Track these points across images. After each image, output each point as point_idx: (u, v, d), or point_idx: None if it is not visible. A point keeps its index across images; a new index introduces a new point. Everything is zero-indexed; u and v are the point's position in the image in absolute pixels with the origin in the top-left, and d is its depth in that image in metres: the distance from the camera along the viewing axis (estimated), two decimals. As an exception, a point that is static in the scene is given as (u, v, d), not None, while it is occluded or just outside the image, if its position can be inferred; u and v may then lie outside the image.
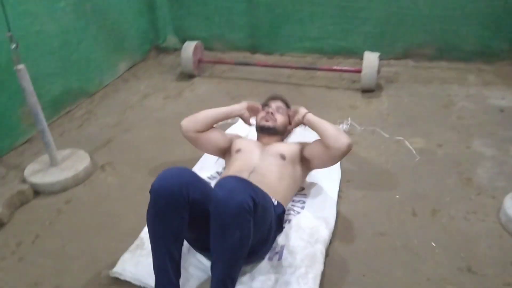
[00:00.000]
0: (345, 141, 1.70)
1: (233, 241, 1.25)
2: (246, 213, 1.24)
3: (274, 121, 1.97)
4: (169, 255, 1.35)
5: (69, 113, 2.88)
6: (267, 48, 3.68)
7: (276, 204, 1.57)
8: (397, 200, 1.96)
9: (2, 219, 1.91)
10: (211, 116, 1.94)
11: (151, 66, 3.65)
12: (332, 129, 1.77)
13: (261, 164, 1.79)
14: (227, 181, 1.30)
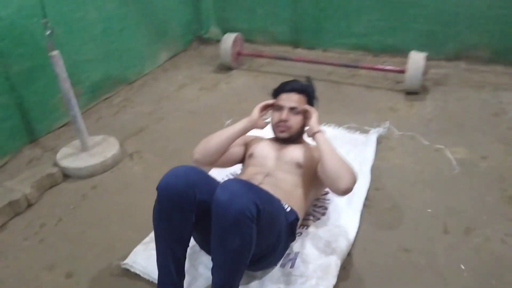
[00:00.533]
0: (343, 186, 1.47)
1: (233, 247, 1.20)
2: (247, 220, 1.18)
3: (289, 129, 1.73)
4: (172, 255, 1.32)
5: (108, 99, 2.94)
6: (309, 43, 3.56)
7: (288, 211, 1.49)
8: (428, 214, 1.82)
9: (30, 200, 1.98)
10: (223, 142, 1.68)
11: (192, 56, 3.65)
12: (334, 166, 1.51)
13: (276, 170, 1.67)
14: (230, 184, 1.24)
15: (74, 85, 2.64)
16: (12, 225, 1.89)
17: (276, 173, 1.65)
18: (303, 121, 1.76)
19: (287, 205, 1.51)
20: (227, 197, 1.19)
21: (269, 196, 1.38)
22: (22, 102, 2.35)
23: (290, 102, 1.73)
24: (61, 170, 2.16)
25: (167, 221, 1.31)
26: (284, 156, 1.71)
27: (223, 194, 1.20)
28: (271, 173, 1.65)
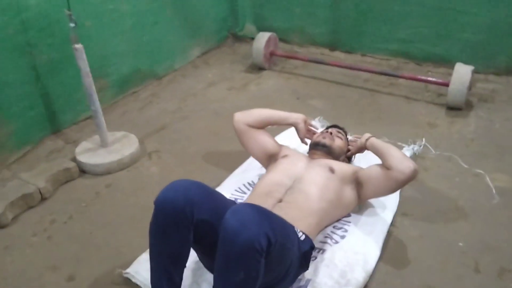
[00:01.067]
0: (411, 165, 1.54)
1: (235, 280, 1.09)
2: (255, 253, 1.07)
3: (332, 140, 1.82)
4: (167, 276, 1.23)
5: (135, 93, 2.90)
6: (348, 46, 3.38)
7: (302, 240, 1.37)
8: (459, 248, 1.64)
9: (44, 194, 1.95)
10: (266, 115, 1.90)
11: (224, 54, 3.56)
12: (398, 152, 1.62)
13: (306, 174, 1.63)
14: (242, 209, 1.12)
15: (102, 77, 2.65)
16: (23, 218, 1.87)
17: (303, 179, 1.60)
18: (345, 148, 1.87)
19: (301, 233, 1.39)
20: (236, 224, 1.09)
21: (283, 224, 1.26)
22: (47, 93, 2.34)
23: (338, 130, 1.92)
24: (78, 165, 2.12)
25: (162, 238, 1.22)
26: (318, 160, 1.73)
27: (233, 220, 1.09)
28: (298, 180, 1.60)
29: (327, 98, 2.80)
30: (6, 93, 2.14)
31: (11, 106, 2.17)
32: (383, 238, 1.66)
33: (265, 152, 1.87)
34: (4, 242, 1.73)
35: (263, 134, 1.89)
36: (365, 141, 1.75)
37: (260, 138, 1.88)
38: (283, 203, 1.52)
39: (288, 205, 1.51)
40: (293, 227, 1.35)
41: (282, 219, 1.29)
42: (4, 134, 2.16)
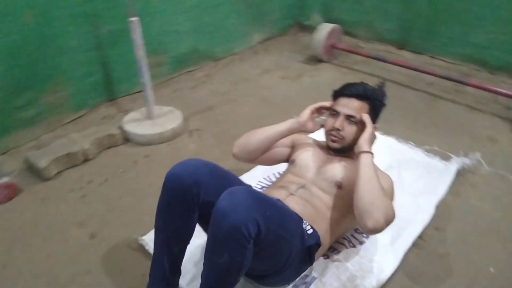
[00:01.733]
0: (369, 224, 1.25)
1: (220, 262, 1.08)
2: (241, 238, 1.04)
3: (341, 140, 1.52)
4: (167, 249, 1.25)
5: (191, 72, 2.97)
6: (417, 46, 3.18)
7: (309, 233, 1.32)
8: (489, 274, 1.49)
9: (88, 155, 2.08)
10: (264, 141, 1.57)
11: (286, 42, 3.52)
12: (367, 197, 1.29)
13: (313, 184, 1.49)
14: (236, 192, 1.10)
15: (160, 53, 2.74)
16: (65, 175, 2.01)
17: (312, 188, 1.47)
18: (359, 133, 1.50)
19: (310, 227, 1.34)
20: (227, 206, 1.07)
21: (283, 214, 1.22)
22: (106, 62, 2.48)
23: (348, 109, 1.50)
24: (122, 133, 2.23)
25: (167, 213, 1.24)
26: (326, 171, 1.50)
27: (225, 202, 1.08)
28: (307, 186, 1.48)
29: (381, 98, 2.67)
30: (69, 57, 2.29)
31: (72, 70, 2.33)
32: (405, 250, 1.55)
33: (279, 161, 1.69)
34: (43, 194, 1.88)
35: (270, 150, 1.63)
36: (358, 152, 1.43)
37: (267, 159, 1.64)
38: (296, 196, 1.46)
39: (302, 201, 1.43)
40: (300, 219, 1.31)
41: (286, 209, 1.26)
42: (63, 95, 2.33)
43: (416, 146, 2.15)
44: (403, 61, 2.92)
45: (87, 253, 1.58)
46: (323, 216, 1.43)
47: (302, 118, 1.55)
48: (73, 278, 1.48)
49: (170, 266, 1.27)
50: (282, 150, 1.66)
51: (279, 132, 1.57)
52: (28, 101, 2.18)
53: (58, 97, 2.31)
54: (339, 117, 1.51)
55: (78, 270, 1.51)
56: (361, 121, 1.50)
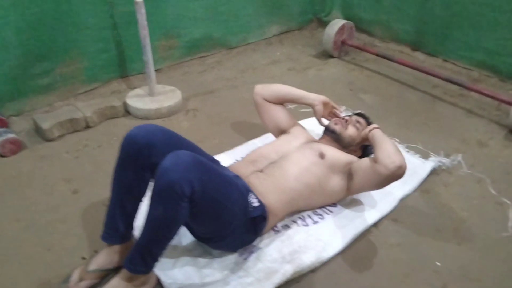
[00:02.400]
0: (397, 162, 1.47)
1: (155, 215, 1.21)
2: (174, 195, 1.16)
3: (343, 128, 1.78)
4: (119, 204, 1.39)
5: (202, 58, 3.11)
6: (431, 48, 3.14)
7: (255, 206, 1.41)
8: (434, 267, 1.53)
9: (89, 123, 2.28)
10: (283, 91, 1.91)
11: (303, 37, 3.58)
12: (391, 147, 1.54)
13: (293, 153, 1.65)
14: (181, 154, 1.23)
15: (174, 37, 2.90)
16: (67, 138, 2.21)
17: (289, 157, 1.63)
18: (357, 137, 1.78)
19: (257, 200, 1.44)
20: (168, 165, 1.20)
21: (223, 183, 1.33)
22: (120, 41, 2.67)
23: (360, 120, 1.84)
24: (124, 106, 2.42)
25: (120, 170, 1.38)
26: (313, 144, 1.72)
27: (167, 161, 1.21)
28: (282, 158, 1.63)
29: (381, 95, 2.69)
30: (85, 33, 2.49)
31: (87, 45, 2.53)
32: (355, 235, 1.62)
33: (277, 127, 1.91)
34: (43, 152, 2.09)
35: (278, 109, 1.92)
36: (368, 132, 1.69)
37: (274, 113, 1.92)
38: (261, 173, 1.58)
39: (265, 176, 1.56)
40: (246, 191, 1.42)
41: (228, 179, 1.36)
42: (78, 68, 2.54)
43: (399, 143, 2.18)
44: (412, 62, 2.91)
45: (67, 205, 1.77)
46: (285, 189, 1.55)
47: (321, 97, 1.83)
48: (49, 224, 1.67)
49: (123, 222, 1.41)
50: (286, 119, 1.93)
51: (296, 93, 1.88)
52: (44, 70, 2.40)
53: (73, 69, 2.53)
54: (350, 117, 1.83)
55: (55, 218, 1.70)
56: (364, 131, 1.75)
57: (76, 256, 1.53)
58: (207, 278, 1.43)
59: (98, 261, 1.40)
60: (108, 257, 1.40)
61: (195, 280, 1.42)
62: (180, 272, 1.44)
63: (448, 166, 2.02)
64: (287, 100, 1.93)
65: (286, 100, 1.93)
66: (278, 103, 1.93)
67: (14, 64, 2.26)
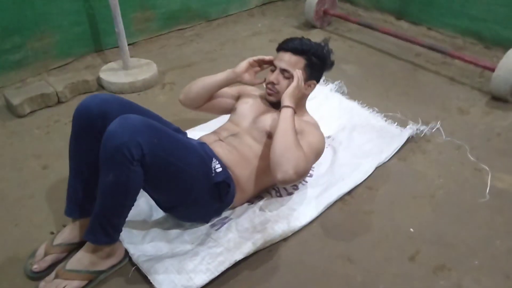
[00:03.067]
0: (279, 175, 1.32)
1: (107, 181, 1.16)
2: (123, 158, 1.12)
3: (276, 94, 1.56)
4: (79, 176, 1.35)
5: (181, 31, 3.03)
6: (415, 17, 3.08)
7: (218, 171, 1.38)
8: (408, 233, 1.51)
9: (61, 98, 2.21)
10: (204, 90, 1.64)
11: (285, 7, 3.50)
12: (280, 148, 1.35)
13: (245, 134, 1.55)
14: (130, 117, 1.17)
15: (150, 9, 2.81)
16: (38, 114, 2.15)
17: (244, 137, 1.55)
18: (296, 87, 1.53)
19: (219, 166, 1.40)
20: (115, 128, 1.15)
21: (179, 147, 1.28)
22: (93, 13, 2.58)
23: (283, 64, 1.55)
24: (98, 81, 2.35)
25: (76, 142, 1.33)
26: (259, 121, 1.58)
27: (114, 125, 1.16)
28: (239, 135, 1.55)
29: (363, 65, 2.64)
30: (56, 5, 2.41)
31: (59, 18, 2.45)
32: (328, 203, 1.59)
33: (227, 111, 1.75)
34: (13, 128, 2.04)
35: (215, 100, 1.70)
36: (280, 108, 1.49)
37: (214, 106, 1.72)
38: (224, 143, 1.52)
39: (228, 147, 1.50)
40: (209, 157, 1.38)
41: (185, 143, 1.32)
42: (49, 42, 2.46)
43: (377, 112, 2.14)
44: (395, 30, 2.85)
45: (35, 181, 1.73)
46: (249, 164, 1.50)
47: (238, 68, 1.61)
48: (18, 200, 1.63)
49: (83, 193, 1.37)
50: (226, 100, 1.73)
51: (216, 82, 1.64)
52: (15, 45, 2.32)
53: (45, 43, 2.45)
54: (275, 71, 1.57)
55: (24, 194, 1.66)
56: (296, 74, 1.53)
57: (45, 231, 1.50)
58: (176, 249, 1.41)
59: (63, 236, 1.37)
60: (72, 232, 1.37)
61: (165, 251, 1.40)
62: (149, 244, 1.42)
63: (426, 134, 1.99)
64: (212, 93, 1.67)
65: (212, 93, 1.67)
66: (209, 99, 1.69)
67: (-18, 39, 2.19)
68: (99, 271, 1.31)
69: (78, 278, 1.27)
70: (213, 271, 1.30)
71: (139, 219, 1.51)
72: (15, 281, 1.34)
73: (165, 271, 1.30)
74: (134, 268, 1.36)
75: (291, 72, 1.53)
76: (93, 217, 1.23)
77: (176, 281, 1.27)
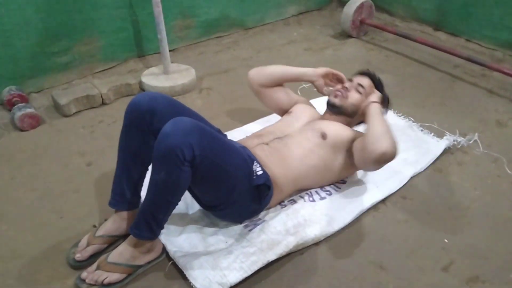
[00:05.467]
0: (382, 147, 1.39)
1: (158, 179, 1.22)
2: (176, 159, 1.18)
3: (344, 99, 1.68)
4: (125, 169, 1.42)
5: (219, 38, 3.11)
6: (453, 28, 3.05)
7: (259, 174, 1.42)
8: (442, 244, 1.50)
9: (104, 100, 2.32)
10: (279, 73, 1.82)
11: (321, 17, 3.53)
12: (380, 129, 1.46)
13: (296, 134, 1.63)
14: (182, 120, 1.24)
15: (190, 17, 2.91)
16: (84, 114, 2.26)
17: (294, 138, 1.61)
18: (362, 102, 1.69)
19: (260, 169, 1.44)
20: (169, 130, 1.21)
21: (225, 149, 1.34)
22: (137, 20, 2.69)
23: (362, 80, 1.71)
24: (140, 84, 2.45)
25: (126, 136, 1.41)
26: (315, 123, 1.68)
27: (168, 126, 1.22)
28: (285, 138, 1.61)
29: (398, 75, 2.63)
30: (103, 12, 2.53)
31: (105, 25, 2.57)
32: (361, 211, 1.61)
33: (279, 108, 1.87)
34: (60, 127, 2.15)
35: (277, 92, 1.85)
36: (368, 103, 1.63)
37: (273, 96, 1.85)
38: (266, 146, 1.58)
39: (270, 150, 1.56)
40: (251, 160, 1.42)
41: (230, 146, 1.37)
42: (96, 47, 2.59)
43: (414, 122, 2.13)
44: (433, 41, 2.83)
45: (80, 176, 1.82)
46: (290, 166, 1.54)
47: (318, 70, 1.76)
48: (62, 194, 1.73)
49: (129, 188, 1.44)
50: (287, 98, 1.87)
51: (292, 71, 1.81)
52: (63, 48, 2.46)
53: (91, 47, 2.58)
54: (351, 82, 1.73)
55: (68, 189, 1.75)
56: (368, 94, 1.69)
57: (87, 224, 1.58)
58: (211, 247, 1.45)
59: (106, 227, 1.44)
60: (115, 224, 1.44)
61: (200, 248, 1.45)
62: (186, 241, 1.47)
63: (463, 145, 1.97)
64: (284, 80, 1.84)
65: (283, 80, 1.84)
66: (275, 86, 1.85)
67: (34, 42, 2.33)
68: (138, 265, 1.37)
69: (119, 271, 1.34)
70: (246, 269, 1.34)
71: (176, 216, 1.57)
72: (58, 269, 1.41)
73: (200, 267, 1.35)
74: (171, 263, 1.41)
75: (365, 90, 1.68)
76: (140, 212, 1.30)
77: (210, 277, 1.31)
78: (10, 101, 2.21)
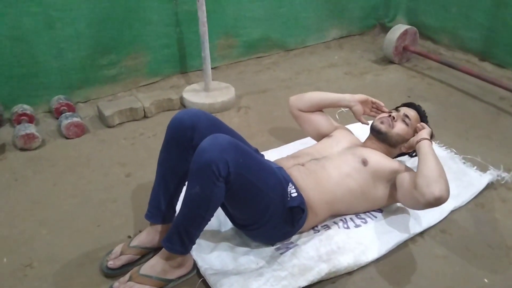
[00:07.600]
0: (436, 192, 1.37)
1: (192, 193, 1.24)
2: (211, 174, 1.20)
3: (389, 127, 1.66)
4: (164, 183, 1.45)
5: (259, 58, 3.16)
6: (500, 59, 2.96)
7: (293, 196, 1.41)
8: (481, 283, 1.43)
9: (147, 113, 2.39)
10: (317, 98, 1.83)
11: (363, 42, 3.52)
12: (434, 170, 1.43)
13: (335, 157, 1.62)
14: (220, 137, 1.26)
15: (233, 36, 2.98)
16: (125, 126, 2.33)
17: (332, 161, 1.59)
18: (404, 135, 1.68)
19: (295, 191, 1.44)
20: (206, 145, 1.24)
21: (261, 168, 1.35)
22: (182, 38, 2.78)
23: (410, 112, 1.72)
24: (181, 100, 2.51)
25: (166, 150, 1.44)
26: (356, 149, 1.66)
27: (206, 142, 1.25)
28: (323, 159, 1.60)
29: (441, 104, 2.57)
30: (150, 29, 2.63)
31: (151, 40, 2.67)
32: (397, 242, 1.56)
33: (318, 133, 1.86)
34: (103, 137, 2.23)
35: (317, 116, 1.86)
36: (416, 142, 1.60)
37: (313, 120, 1.86)
38: (303, 167, 1.57)
39: (306, 171, 1.55)
40: (286, 181, 1.42)
41: (266, 165, 1.38)
42: (141, 61, 2.69)
43: (456, 154, 2.07)
44: (478, 71, 2.76)
45: (119, 186, 1.87)
46: (326, 189, 1.53)
47: (356, 96, 1.76)
48: (101, 202, 1.78)
49: (166, 202, 1.47)
50: (327, 123, 1.87)
51: (330, 97, 1.82)
52: (111, 62, 2.57)
53: (137, 62, 2.68)
54: (397, 112, 1.72)
55: (107, 197, 1.80)
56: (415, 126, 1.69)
57: (123, 234, 1.61)
58: (242, 267, 1.45)
59: (140, 239, 1.47)
60: (149, 236, 1.47)
61: (230, 267, 1.44)
62: (217, 259, 1.47)
63: (507, 181, 1.89)
64: (322, 106, 1.85)
65: (322, 106, 1.85)
66: (314, 111, 1.86)
67: (85, 54, 2.44)
68: (169, 279, 1.38)
69: (150, 283, 1.35)
70: (278, 293, 1.32)
71: (209, 233, 1.58)
72: (92, 277, 1.44)
73: (230, 286, 1.34)
74: (201, 280, 1.41)
75: (411, 121, 1.69)
76: (173, 226, 1.32)
77: (240, 298, 1.31)
78: (58, 109, 2.32)
